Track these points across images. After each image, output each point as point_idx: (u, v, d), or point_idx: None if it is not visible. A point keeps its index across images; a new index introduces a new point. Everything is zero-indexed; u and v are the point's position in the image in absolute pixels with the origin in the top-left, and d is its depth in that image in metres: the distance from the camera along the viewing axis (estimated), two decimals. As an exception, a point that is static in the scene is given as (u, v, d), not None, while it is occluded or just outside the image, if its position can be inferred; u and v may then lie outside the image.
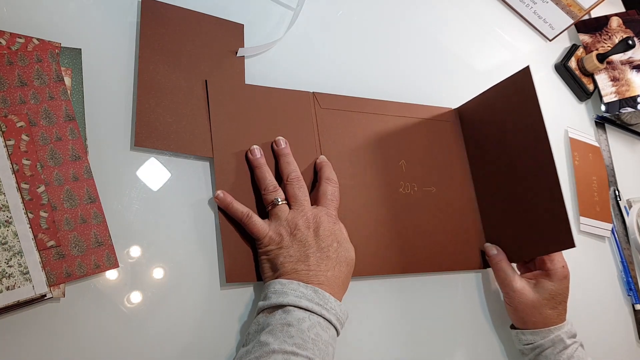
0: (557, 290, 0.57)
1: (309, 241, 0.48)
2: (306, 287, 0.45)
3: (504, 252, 0.60)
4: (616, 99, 0.87)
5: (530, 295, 0.57)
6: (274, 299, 0.44)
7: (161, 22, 0.54)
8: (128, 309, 0.45)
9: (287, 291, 0.45)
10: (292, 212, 0.50)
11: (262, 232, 0.48)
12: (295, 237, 0.48)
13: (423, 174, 0.62)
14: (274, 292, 0.45)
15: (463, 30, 0.80)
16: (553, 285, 0.57)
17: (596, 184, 0.82)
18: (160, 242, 0.48)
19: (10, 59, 0.45)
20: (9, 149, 0.43)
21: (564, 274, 0.58)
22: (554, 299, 0.57)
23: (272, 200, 0.50)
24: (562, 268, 0.58)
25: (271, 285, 0.46)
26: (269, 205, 0.51)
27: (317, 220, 0.49)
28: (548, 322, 0.57)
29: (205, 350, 0.46)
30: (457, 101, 0.69)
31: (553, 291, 0.57)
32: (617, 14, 0.92)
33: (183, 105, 0.52)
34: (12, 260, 0.40)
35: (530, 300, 0.57)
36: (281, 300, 0.44)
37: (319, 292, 0.45)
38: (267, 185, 0.51)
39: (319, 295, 0.45)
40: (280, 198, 0.50)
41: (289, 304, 0.44)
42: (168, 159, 0.51)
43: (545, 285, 0.57)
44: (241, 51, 0.57)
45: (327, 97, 0.59)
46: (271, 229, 0.49)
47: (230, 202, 0.49)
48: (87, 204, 0.45)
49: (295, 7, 0.64)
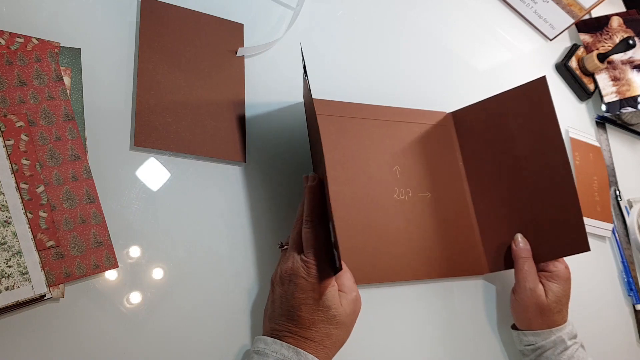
0: (562, 292, 0.57)
1: (282, 300, 0.45)
2: (288, 348, 0.43)
3: (531, 249, 0.59)
4: (617, 99, 0.87)
5: (543, 299, 0.57)
6: (256, 359, 0.43)
7: (161, 22, 0.54)
8: (127, 309, 0.45)
9: (268, 353, 0.43)
10: (278, 263, 0.49)
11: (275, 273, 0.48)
12: (274, 293, 0.47)
13: (418, 180, 0.62)
14: (257, 351, 0.44)
15: (464, 30, 0.80)
16: (559, 287, 0.57)
17: (597, 184, 0.82)
18: (160, 242, 0.48)
19: (10, 58, 0.45)
20: (8, 148, 0.43)
21: (568, 275, 0.58)
22: (560, 302, 0.57)
23: (280, 243, 0.50)
24: (565, 269, 0.58)
25: (256, 342, 0.45)
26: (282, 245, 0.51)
27: (286, 279, 0.46)
28: (551, 324, 0.57)
29: (205, 351, 0.46)
30: (457, 101, 0.69)
31: (559, 293, 0.57)
32: (617, 14, 0.92)
33: (183, 105, 0.52)
34: (12, 260, 0.40)
35: (542, 303, 0.56)
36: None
37: (301, 354, 0.43)
38: (293, 226, 0.49)
39: (300, 357, 0.43)
40: (285, 244, 0.50)
41: None
42: (168, 159, 0.51)
43: (553, 288, 0.57)
44: (241, 51, 0.57)
45: (319, 103, 0.59)
46: (276, 271, 0.48)
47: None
48: (86, 204, 0.45)
49: (295, 7, 0.64)
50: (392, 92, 0.67)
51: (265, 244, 0.53)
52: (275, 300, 0.46)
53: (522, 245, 0.59)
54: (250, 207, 0.53)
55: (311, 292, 0.44)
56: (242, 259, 0.51)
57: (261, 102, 0.58)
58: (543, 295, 0.57)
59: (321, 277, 0.44)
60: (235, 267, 0.50)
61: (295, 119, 0.59)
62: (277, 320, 0.45)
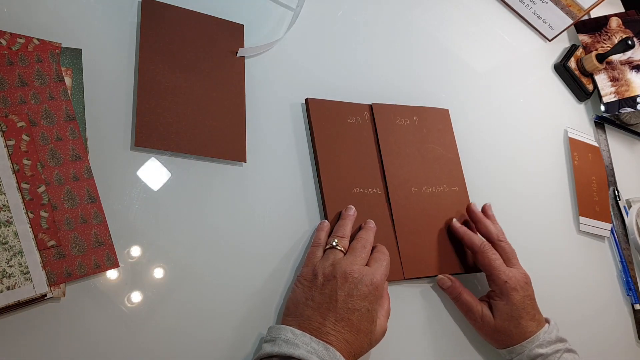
0: (510, 307, 0.55)
1: (337, 296, 0.46)
2: (318, 343, 0.43)
3: (459, 281, 0.59)
4: (615, 99, 0.87)
5: (492, 320, 0.56)
6: (285, 348, 0.43)
7: (162, 22, 0.54)
8: (128, 308, 0.45)
9: (298, 343, 0.43)
10: (340, 260, 0.49)
11: (312, 260, 0.50)
12: (326, 286, 0.47)
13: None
14: (285, 340, 0.43)
15: (463, 31, 0.80)
16: (503, 304, 0.55)
17: (595, 184, 0.82)
18: (160, 242, 0.48)
19: (11, 59, 0.45)
20: (9, 149, 0.43)
21: (512, 286, 0.55)
22: (512, 317, 0.55)
23: (330, 243, 0.51)
24: (504, 283, 0.55)
25: (282, 331, 0.44)
26: (328, 245, 0.52)
27: (357, 280, 0.47)
28: (520, 337, 0.55)
29: (206, 350, 0.47)
30: (457, 101, 0.69)
31: (507, 310, 0.55)
32: (616, 14, 0.92)
33: (183, 105, 0.52)
34: (13, 260, 0.40)
35: (493, 326, 0.56)
36: (292, 352, 0.42)
37: (330, 351, 0.43)
38: (342, 232, 0.53)
39: (330, 353, 0.43)
40: (341, 246, 0.51)
41: (299, 358, 0.42)
42: (168, 159, 0.51)
43: (498, 306, 0.55)
44: (241, 51, 0.57)
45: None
46: (317, 264, 0.49)
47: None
48: (87, 203, 0.45)
49: (295, 7, 0.64)
50: (392, 91, 0.67)
51: (265, 244, 0.53)
52: (325, 294, 0.46)
53: (450, 284, 0.59)
54: (250, 207, 0.53)
55: (376, 305, 0.48)
56: (242, 259, 0.51)
57: (261, 102, 0.58)
58: (491, 318, 0.56)
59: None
60: (236, 267, 0.51)
61: (295, 119, 0.59)
62: (315, 316, 0.45)
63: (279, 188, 0.56)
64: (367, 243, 0.52)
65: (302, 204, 0.56)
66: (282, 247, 0.53)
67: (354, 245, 0.52)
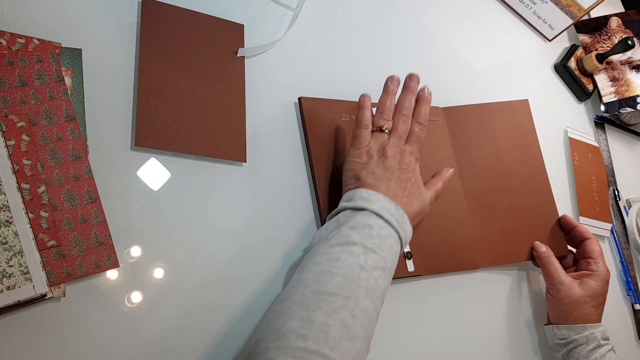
0: (600, 290, 0.60)
1: (393, 169, 0.51)
2: (390, 202, 0.48)
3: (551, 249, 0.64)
4: (615, 99, 0.87)
5: (577, 290, 0.60)
6: (360, 202, 0.47)
7: (161, 22, 0.54)
8: (128, 308, 0.45)
9: (372, 200, 0.47)
10: (388, 141, 0.53)
11: (364, 143, 0.53)
12: (383, 162, 0.51)
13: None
14: (360, 197, 0.48)
15: (462, 31, 0.80)
16: (597, 285, 0.60)
17: (595, 184, 0.82)
18: (160, 242, 0.48)
19: (11, 59, 0.45)
20: (9, 149, 0.43)
21: (607, 277, 0.61)
22: (596, 299, 0.60)
23: (380, 126, 0.54)
24: (606, 271, 0.61)
25: (358, 192, 0.49)
26: (375, 127, 0.54)
27: (403, 154, 0.53)
28: (587, 319, 0.59)
29: (206, 350, 0.47)
30: (456, 101, 0.69)
31: (597, 290, 0.60)
32: (616, 14, 0.92)
33: (183, 105, 0.52)
34: (13, 260, 0.40)
35: (575, 295, 0.59)
36: (366, 205, 0.47)
37: (400, 211, 0.48)
38: (385, 111, 0.55)
39: (399, 212, 0.48)
40: (388, 128, 0.54)
41: (373, 211, 0.47)
42: (168, 158, 0.51)
43: (590, 283, 0.60)
44: (241, 51, 0.57)
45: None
46: (371, 146, 0.53)
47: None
48: (87, 203, 0.45)
49: (295, 7, 0.64)
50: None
51: (265, 244, 0.53)
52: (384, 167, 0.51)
53: (544, 249, 0.63)
54: (250, 207, 0.53)
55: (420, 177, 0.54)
56: (242, 259, 0.51)
57: (261, 102, 0.58)
58: (576, 287, 0.60)
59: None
60: (236, 267, 0.51)
61: (295, 119, 0.59)
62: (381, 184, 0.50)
63: (279, 188, 0.56)
64: (407, 118, 0.55)
65: (303, 203, 0.56)
66: (282, 247, 0.53)
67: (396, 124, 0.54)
